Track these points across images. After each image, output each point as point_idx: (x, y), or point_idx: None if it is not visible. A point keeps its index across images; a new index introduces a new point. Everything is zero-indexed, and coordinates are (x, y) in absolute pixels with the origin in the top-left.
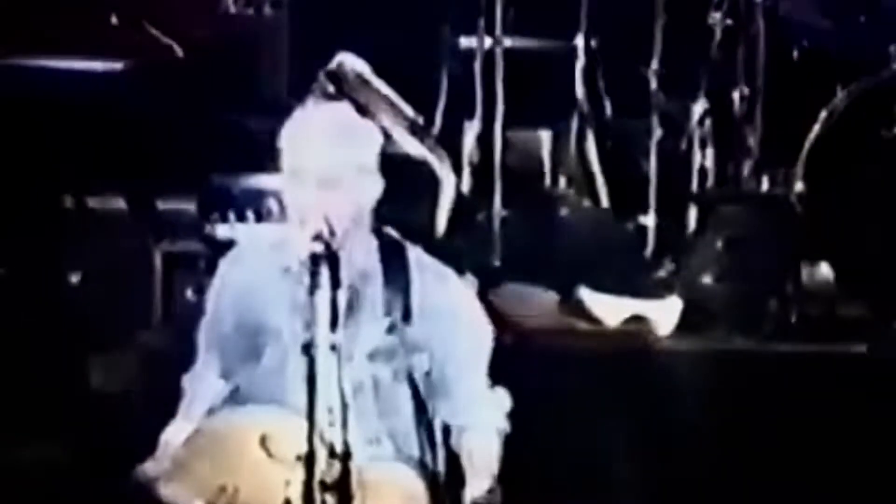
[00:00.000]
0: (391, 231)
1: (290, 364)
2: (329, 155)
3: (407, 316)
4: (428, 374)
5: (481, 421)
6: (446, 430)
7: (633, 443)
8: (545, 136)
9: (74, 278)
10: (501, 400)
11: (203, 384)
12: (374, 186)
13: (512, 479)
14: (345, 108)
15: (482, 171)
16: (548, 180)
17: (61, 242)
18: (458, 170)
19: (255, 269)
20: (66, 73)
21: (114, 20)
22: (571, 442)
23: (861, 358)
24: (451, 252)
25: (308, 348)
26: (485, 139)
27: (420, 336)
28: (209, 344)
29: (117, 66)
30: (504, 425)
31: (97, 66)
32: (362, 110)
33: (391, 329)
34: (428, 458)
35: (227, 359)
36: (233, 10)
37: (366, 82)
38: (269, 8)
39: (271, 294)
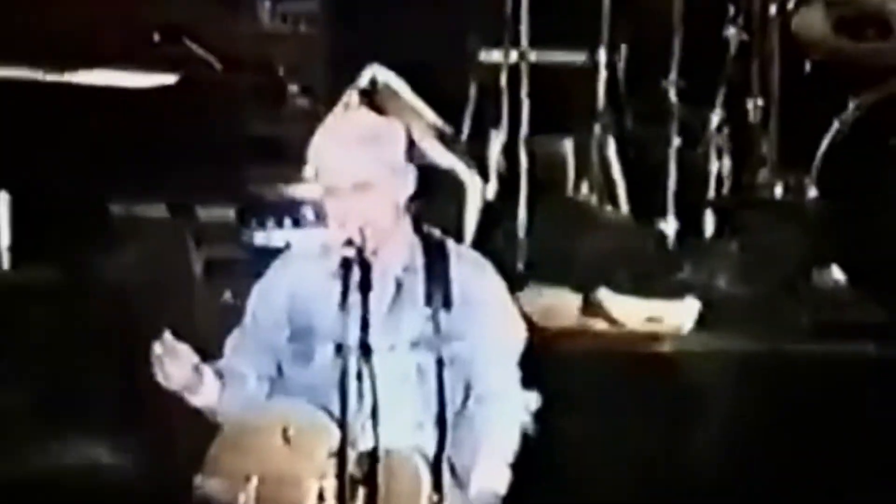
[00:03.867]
0: (432, 229)
1: (337, 364)
2: (360, 160)
3: (447, 304)
4: (465, 361)
5: (506, 409)
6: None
7: (653, 440)
8: (568, 144)
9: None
10: (529, 399)
11: (239, 380)
12: (408, 181)
13: (532, 474)
14: (366, 113)
15: (508, 178)
16: (571, 187)
17: (108, 247)
18: (484, 177)
19: (305, 274)
20: (112, 87)
21: (156, 37)
22: (592, 438)
23: (872, 358)
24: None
25: (340, 349)
26: (511, 148)
27: (459, 324)
28: (262, 346)
29: (160, 80)
30: (527, 422)
31: (141, 80)
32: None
33: (432, 318)
34: (446, 445)
35: (279, 360)
36: (269, 27)
37: (396, 93)
38: (305, 25)
39: (320, 298)
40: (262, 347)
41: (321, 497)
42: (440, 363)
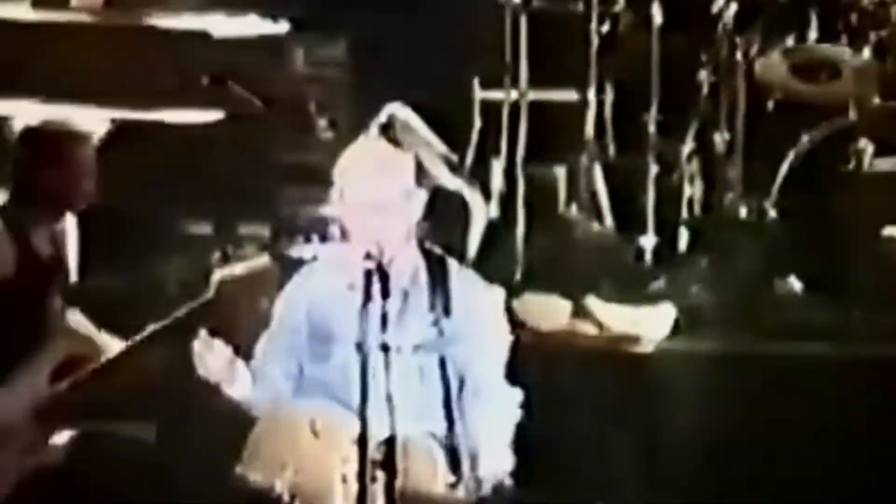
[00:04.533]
0: (434, 247)
1: (353, 364)
2: (378, 184)
3: (447, 312)
4: (462, 361)
5: (498, 402)
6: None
7: (632, 430)
8: (560, 171)
9: None
10: (516, 394)
11: (268, 379)
12: (418, 204)
13: (525, 461)
14: (384, 145)
15: (507, 199)
16: (562, 207)
17: (162, 260)
18: (487, 198)
19: (323, 284)
20: (167, 123)
21: (205, 81)
22: (578, 428)
23: (826, 356)
24: (481, 268)
25: (361, 347)
26: (510, 173)
27: (458, 329)
28: (286, 348)
29: (209, 116)
30: (518, 412)
31: (194, 116)
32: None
33: (435, 324)
34: (455, 432)
35: (300, 360)
36: (302, 71)
37: (411, 127)
38: (332, 69)
39: (337, 305)
40: (286, 349)
41: (345, 480)
42: (441, 362)
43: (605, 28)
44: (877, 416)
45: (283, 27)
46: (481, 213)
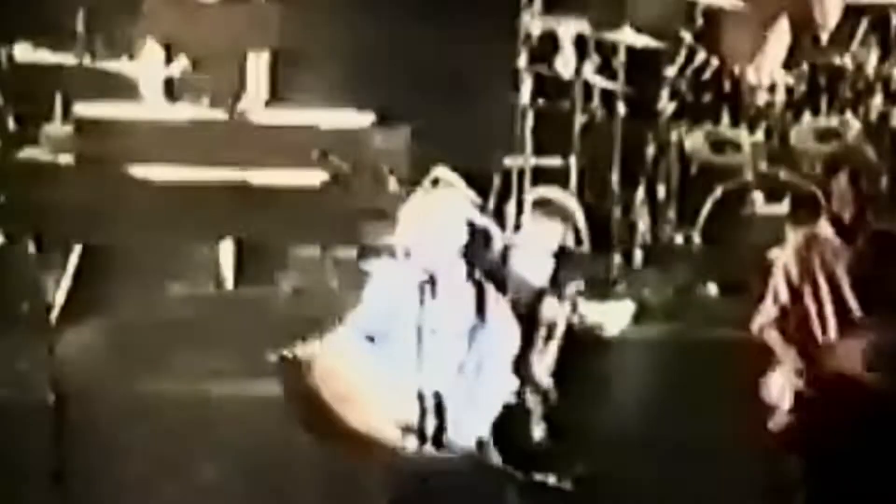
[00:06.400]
0: (478, 276)
1: (409, 342)
2: (434, 220)
3: (481, 313)
4: (484, 349)
5: (503, 382)
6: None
7: (601, 395)
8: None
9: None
10: (514, 381)
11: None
12: (460, 236)
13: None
14: (434, 195)
15: (518, 231)
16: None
17: (285, 273)
18: (503, 229)
19: (392, 288)
20: (288, 184)
21: (315, 154)
22: (564, 394)
23: (735, 339)
24: (501, 279)
25: (419, 332)
26: (519, 213)
27: (490, 328)
28: (364, 325)
29: (317, 178)
30: (509, 396)
31: (308, 178)
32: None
33: (474, 321)
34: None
35: (371, 333)
36: (379, 145)
37: (452, 183)
38: (400, 145)
39: (400, 302)
40: (364, 325)
41: (406, 428)
42: (471, 349)
43: (585, 118)
44: None
45: (368, 119)
46: (500, 239)
